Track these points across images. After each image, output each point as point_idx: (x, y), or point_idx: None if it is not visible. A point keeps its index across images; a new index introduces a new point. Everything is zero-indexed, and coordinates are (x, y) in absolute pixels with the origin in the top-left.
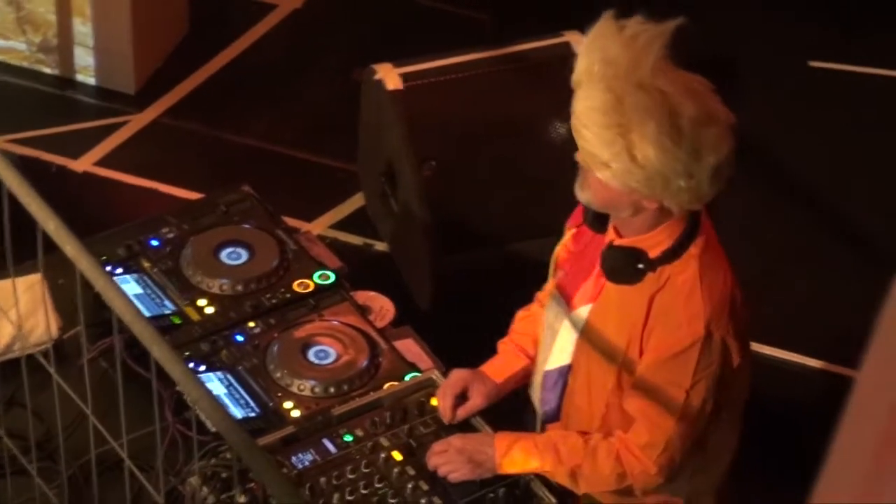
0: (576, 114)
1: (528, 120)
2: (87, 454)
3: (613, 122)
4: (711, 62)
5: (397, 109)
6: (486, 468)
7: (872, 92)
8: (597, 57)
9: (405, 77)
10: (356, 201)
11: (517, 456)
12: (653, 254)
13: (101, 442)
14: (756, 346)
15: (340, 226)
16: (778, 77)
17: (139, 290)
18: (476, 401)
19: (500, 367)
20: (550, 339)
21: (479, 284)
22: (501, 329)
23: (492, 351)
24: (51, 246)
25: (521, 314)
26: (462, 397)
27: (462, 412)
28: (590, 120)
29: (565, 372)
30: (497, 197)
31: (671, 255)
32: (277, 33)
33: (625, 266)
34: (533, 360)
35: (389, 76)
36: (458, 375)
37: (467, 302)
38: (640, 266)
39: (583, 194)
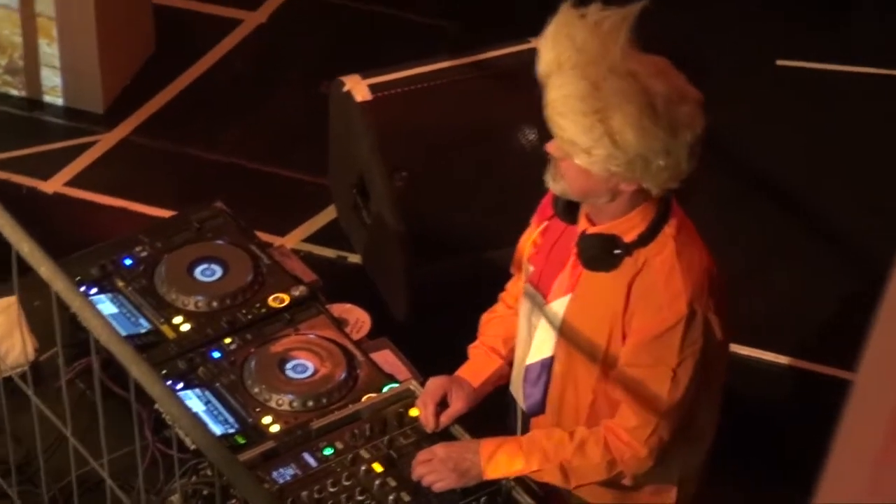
0: (550, 103)
1: (498, 127)
2: (68, 476)
3: (591, 107)
4: (679, 63)
5: (367, 120)
6: (472, 475)
7: (840, 88)
8: (565, 46)
9: (373, 88)
10: (328, 214)
11: (502, 459)
12: (628, 238)
13: (81, 463)
14: (734, 347)
15: (314, 239)
16: (747, 77)
17: (115, 310)
18: (457, 405)
19: (475, 370)
20: (528, 333)
21: (454, 293)
22: (474, 334)
23: (465, 357)
24: (25, 268)
25: (485, 317)
26: (443, 404)
27: (445, 419)
28: (567, 108)
29: (548, 364)
30: (469, 205)
31: (647, 237)
32: (243, 48)
33: (602, 253)
34: (506, 359)
35: (358, 88)
36: (437, 383)
37: (443, 311)
38: (617, 251)
39: (556, 185)
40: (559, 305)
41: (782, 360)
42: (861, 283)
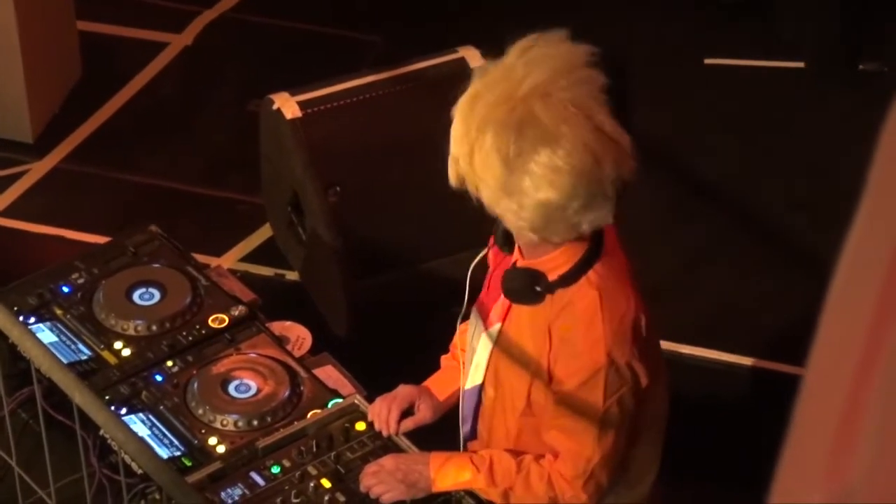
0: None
1: (430, 137)
2: None
3: (467, 118)
4: (606, 67)
5: (298, 138)
6: (420, 487)
7: (768, 84)
8: (492, 63)
9: (303, 105)
10: (264, 233)
11: (451, 471)
12: (551, 276)
13: (28, 493)
14: (676, 346)
15: (250, 258)
16: (675, 77)
17: (54, 338)
18: (425, 414)
19: (442, 382)
20: (470, 356)
21: (394, 306)
22: (420, 348)
23: (411, 371)
24: None
25: (461, 327)
26: (405, 413)
27: (410, 423)
28: (457, 111)
29: (478, 390)
30: (405, 217)
31: (569, 278)
32: (170, 71)
33: (523, 287)
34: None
35: (287, 105)
36: (407, 391)
37: (384, 324)
38: (538, 289)
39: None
40: (492, 333)
41: (726, 357)
42: (799, 278)
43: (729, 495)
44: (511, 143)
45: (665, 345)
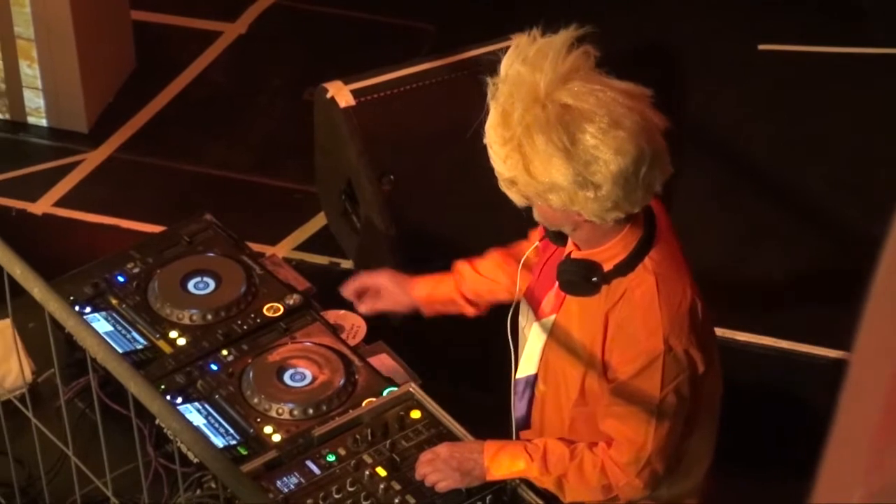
0: (485, 133)
1: (483, 125)
2: (72, 496)
3: (504, 137)
4: (660, 52)
5: (351, 126)
6: (475, 476)
7: (822, 70)
8: (501, 76)
9: (356, 93)
10: (318, 221)
11: (505, 460)
12: (607, 267)
13: (84, 482)
14: (730, 333)
15: (305, 247)
16: (729, 63)
17: (109, 328)
18: (382, 304)
19: (430, 285)
20: (521, 345)
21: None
22: (473, 335)
23: (465, 358)
24: (18, 290)
25: (494, 255)
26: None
27: (364, 307)
28: (489, 138)
29: (532, 381)
30: (458, 205)
31: (625, 267)
32: (224, 60)
33: (579, 279)
34: (471, 303)
35: (341, 94)
36: (384, 280)
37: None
38: (595, 279)
39: (535, 214)
40: (545, 324)
41: (780, 343)
42: (850, 263)
43: (783, 483)
44: (563, 136)
45: (718, 331)
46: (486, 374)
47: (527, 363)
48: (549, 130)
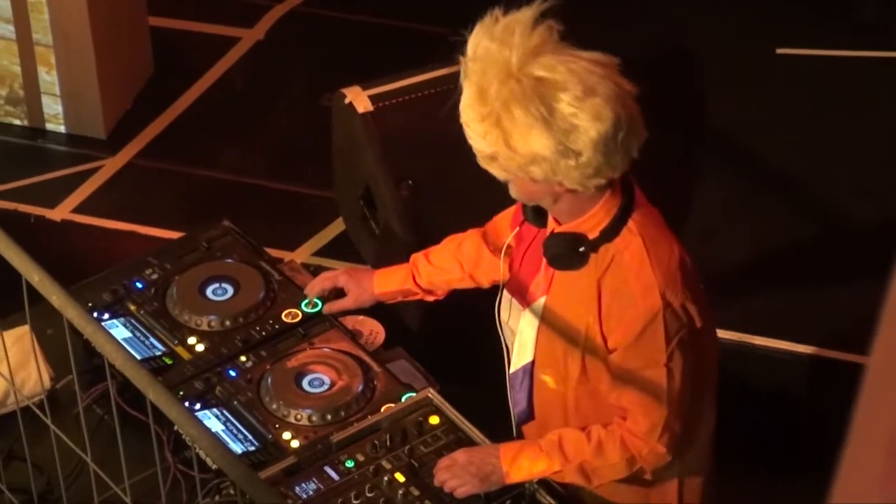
0: (460, 111)
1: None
2: (91, 502)
3: (480, 114)
4: (677, 56)
5: (369, 131)
6: (494, 480)
7: (841, 74)
8: (470, 55)
9: (374, 98)
10: (336, 227)
11: (524, 462)
12: (592, 235)
13: (103, 488)
14: (748, 337)
15: (323, 252)
16: (746, 67)
17: (128, 334)
18: (345, 303)
19: (389, 277)
20: (510, 340)
21: (465, 298)
22: (491, 342)
23: (483, 365)
24: (36, 297)
25: (449, 244)
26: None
27: (327, 308)
28: (466, 116)
29: (529, 368)
30: (477, 210)
31: (610, 232)
32: (242, 66)
33: (566, 251)
34: (427, 292)
35: (359, 99)
36: (345, 278)
37: (456, 317)
38: (582, 249)
39: (511, 191)
40: (535, 308)
41: (799, 348)
42: (868, 268)
43: (797, 486)
44: (540, 107)
45: (736, 336)
46: (493, 374)
47: (521, 352)
48: (527, 103)
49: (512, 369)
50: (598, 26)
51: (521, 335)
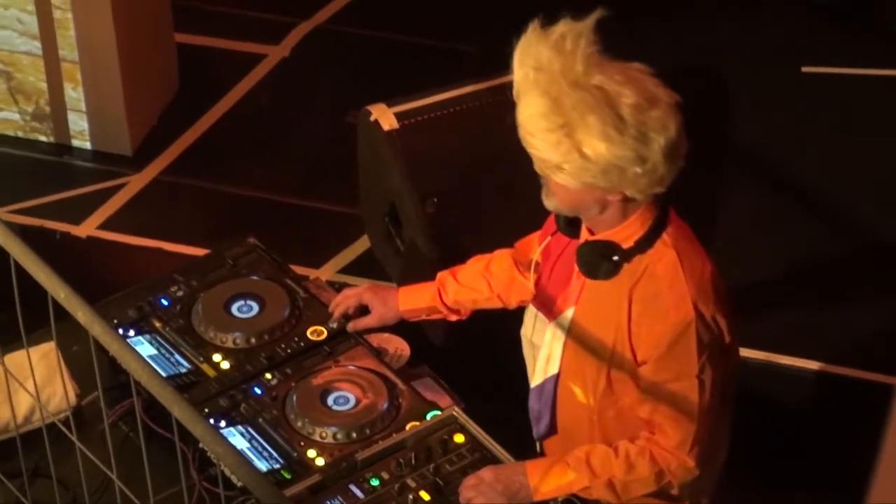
0: (521, 124)
1: (525, 148)
2: None
3: (555, 123)
4: (704, 74)
5: (395, 149)
6: (521, 497)
7: (867, 92)
8: (529, 65)
9: (400, 116)
10: (362, 244)
11: (552, 479)
12: (626, 245)
13: None
14: (774, 356)
15: (348, 269)
16: (772, 85)
17: (153, 351)
18: (369, 321)
19: (414, 294)
20: (532, 355)
21: (490, 316)
22: (517, 359)
23: (509, 383)
24: (62, 313)
25: (476, 263)
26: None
27: (352, 325)
28: (534, 126)
29: (554, 381)
30: (502, 228)
31: (644, 243)
32: (268, 83)
33: (600, 260)
34: (452, 311)
35: (384, 116)
36: (369, 295)
37: (481, 335)
38: (615, 258)
39: (549, 202)
40: (563, 320)
41: (825, 367)
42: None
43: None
44: (611, 115)
45: (761, 354)
46: (518, 392)
47: (547, 365)
48: (599, 111)
49: (535, 382)
50: (624, 44)
51: (546, 347)
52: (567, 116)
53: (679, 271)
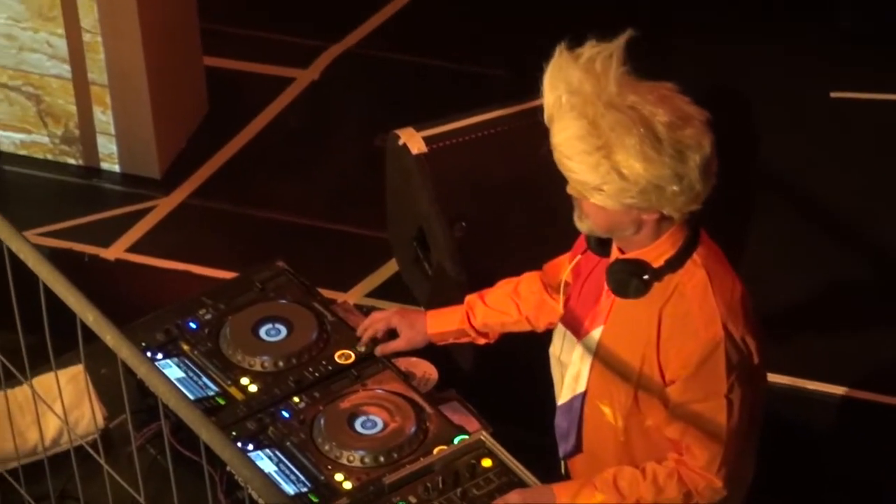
0: (556, 147)
1: (555, 172)
2: None
3: (593, 145)
4: (732, 98)
5: (423, 173)
6: None
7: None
8: (561, 89)
9: (428, 140)
10: (390, 268)
11: (580, 501)
12: (656, 264)
13: None
14: (802, 382)
15: (376, 293)
16: (800, 110)
17: (181, 374)
18: (398, 343)
19: (442, 318)
20: (560, 373)
21: (518, 340)
22: (544, 383)
23: (536, 407)
24: (91, 336)
25: (505, 286)
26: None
27: (380, 350)
28: (571, 149)
29: (581, 399)
30: (530, 252)
31: (675, 262)
32: (297, 106)
33: (630, 278)
34: (480, 334)
35: (413, 140)
36: (397, 319)
37: (508, 358)
38: (646, 277)
39: (583, 224)
40: (591, 339)
41: (842, 391)
42: None
43: None
44: (648, 135)
45: (788, 379)
46: (546, 416)
47: (574, 383)
48: (636, 131)
49: (563, 399)
50: (652, 66)
51: (574, 366)
52: (605, 138)
53: (709, 291)
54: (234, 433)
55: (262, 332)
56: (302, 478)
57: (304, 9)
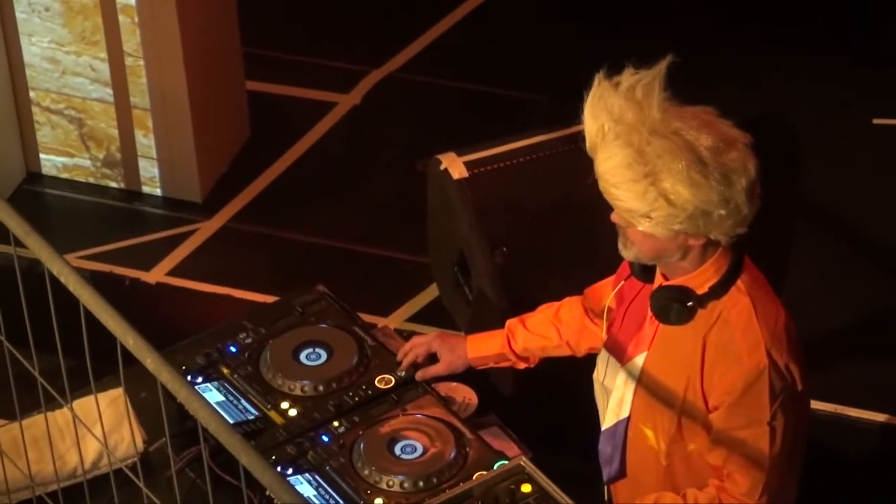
0: (601, 176)
1: (597, 197)
2: None
3: (640, 173)
4: (773, 125)
5: (465, 198)
6: None
7: None
8: (604, 117)
9: (470, 165)
10: (430, 293)
11: None
12: (701, 290)
13: None
14: (843, 409)
15: (417, 318)
16: (842, 137)
17: (221, 398)
18: (439, 368)
19: (482, 343)
20: (604, 399)
21: (559, 365)
22: (585, 409)
23: (573, 433)
24: (131, 359)
25: (546, 311)
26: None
27: (420, 374)
28: (618, 177)
29: (625, 424)
30: (571, 278)
31: (719, 289)
32: (338, 131)
33: (675, 304)
34: (521, 358)
35: (454, 165)
36: (438, 344)
37: (549, 384)
38: (690, 304)
39: (628, 252)
40: (635, 364)
41: (884, 418)
42: None
43: None
44: (695, 160)
45: (830, 406)
46: (587, 442)
47: (618, 409)
48: (682, 157)
49: (607, 424)
50: (691, 94)
51: (618, 391)
52: (651, 165)
53: (753, 318)
54: (273, 457)
55: (303, 356)
56: (341, 502)
57: (345, 34)
